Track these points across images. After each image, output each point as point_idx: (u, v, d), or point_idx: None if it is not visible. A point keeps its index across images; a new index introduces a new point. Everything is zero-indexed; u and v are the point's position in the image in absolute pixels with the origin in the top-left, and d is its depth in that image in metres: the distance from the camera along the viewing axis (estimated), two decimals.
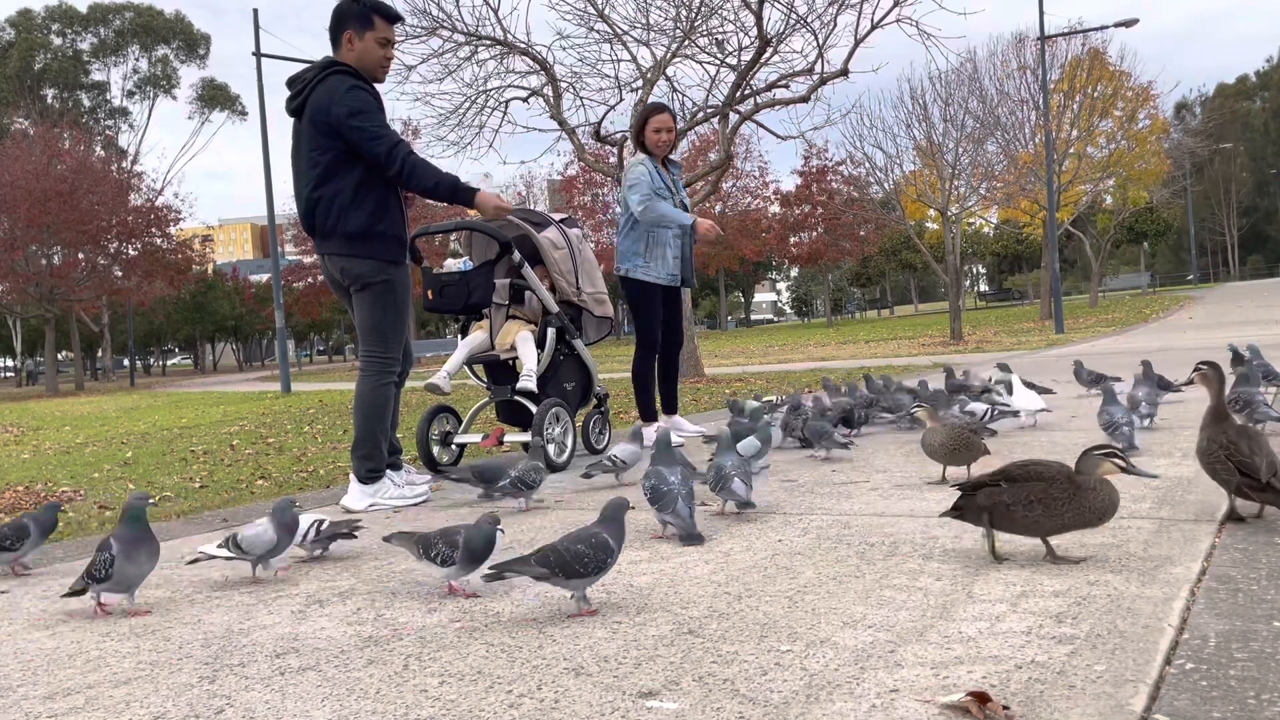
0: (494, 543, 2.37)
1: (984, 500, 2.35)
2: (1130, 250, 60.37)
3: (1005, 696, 1.53)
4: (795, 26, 10.79)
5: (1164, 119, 34.52)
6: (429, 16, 11.30)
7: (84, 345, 50.35)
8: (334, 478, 5.26)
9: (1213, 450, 2.59)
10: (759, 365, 16.11)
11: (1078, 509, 2.24)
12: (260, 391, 21.00)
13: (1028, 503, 2.26)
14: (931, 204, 22.26)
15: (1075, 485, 2.25)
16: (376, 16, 3.91)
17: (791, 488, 3.65)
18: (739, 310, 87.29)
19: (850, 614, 2.03)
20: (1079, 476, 2.27)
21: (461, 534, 2.36)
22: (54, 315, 32.96)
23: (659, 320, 5.41)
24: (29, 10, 52.53)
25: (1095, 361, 8.69)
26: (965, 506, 2.41)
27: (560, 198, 45.36)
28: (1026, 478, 2.30)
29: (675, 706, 1.61)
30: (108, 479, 6.13)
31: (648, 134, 5.39)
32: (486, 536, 2.36)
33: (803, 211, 44.47)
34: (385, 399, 3.96)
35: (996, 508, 2.32)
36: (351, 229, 3.83)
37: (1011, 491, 2.30)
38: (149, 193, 37.80)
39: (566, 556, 2.11)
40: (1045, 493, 2.25)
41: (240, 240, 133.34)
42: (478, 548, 2.35)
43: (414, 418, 6.87)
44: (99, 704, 1.83)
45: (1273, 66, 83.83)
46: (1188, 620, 1.85)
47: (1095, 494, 2.23)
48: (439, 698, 1.73)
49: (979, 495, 2.37)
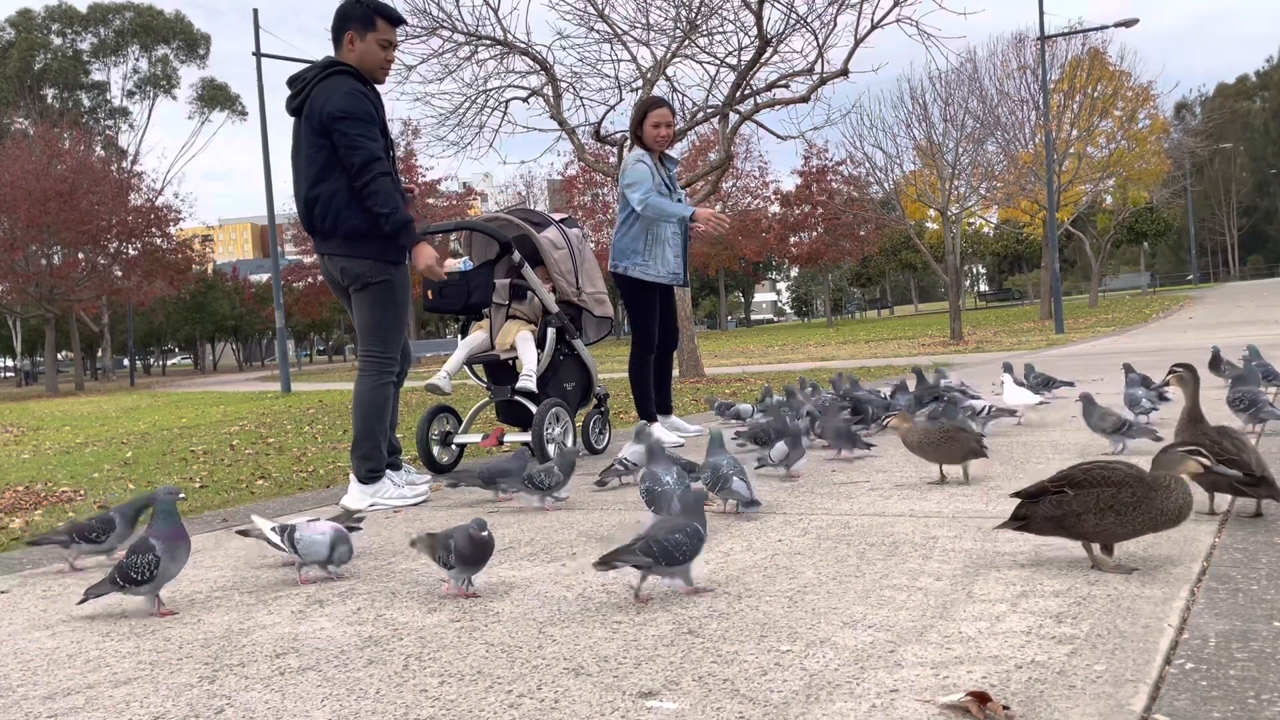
0: (483, 545, 2.35)
1: (1051, 510, 2.23)
2: (1130, 250, 60.37)
3: (1005, 696, 1.53)
4: (795, 26, 10.80)
5: (1164, 119, 34.53)
6: (429, 16, 11.30)
7: (84, 345, 50.37)
8: (334, 478, 5.26)
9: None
10: (759, 365, 16.11)
11: (1150, 512, 2.13)
12: (260, 391, 21.01)
13: (1099, 510, 2.16)
14: (931, 204, 22.27)
15: (1146, 486, 2.14)
16: (379, 18, 3.91)
17: (791, 488, 3.65)
18: (739, 310, 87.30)
19: (850, 614, 2.03)
20: (1152, 475, 2.17)
21: (454, 537, 2.37)
22: (54, 315, 32.97)
23: (655, 320, 5.38)
24: (29, 10, 52.57)
25: (1095, 361, 8.69)
26: (1029, 516, 2.28)
27: (560, 198, 45.36)
28: (1093, 483, 2.19)
29: (675, 706, 1.61)
30: (108, 479, 6.13)
31: (646, 129, 5.31)
32: (476, 539, 2.35)
33: (803, 211, 44.47)
34: (384, 399, 3.96)
35: (1067, 517, 2.20)
36: (351, 229, 3.83)
37: (1080, 499, 2.19)
38: (149, 193, 37.80)
39: (667, 545, 2.21)
40: (1115, 498, 2.15)
41: (240, 240, 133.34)
42: (465, 551, 2.35)
43: (414, 418, 6.87)
44: (99, 704, 1.83)
45: (1273, 66, 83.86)
46: (1188, 620, 1.85)
47: (1169, 495, 2.13)
48: (439, 698, 1.73)
49: (1043, 504, 2.25)
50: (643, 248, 5.28)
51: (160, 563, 2.37)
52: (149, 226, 35.42)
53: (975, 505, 3.06)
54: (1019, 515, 2.32)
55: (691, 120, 11.86)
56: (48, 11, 52.60)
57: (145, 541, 2.40)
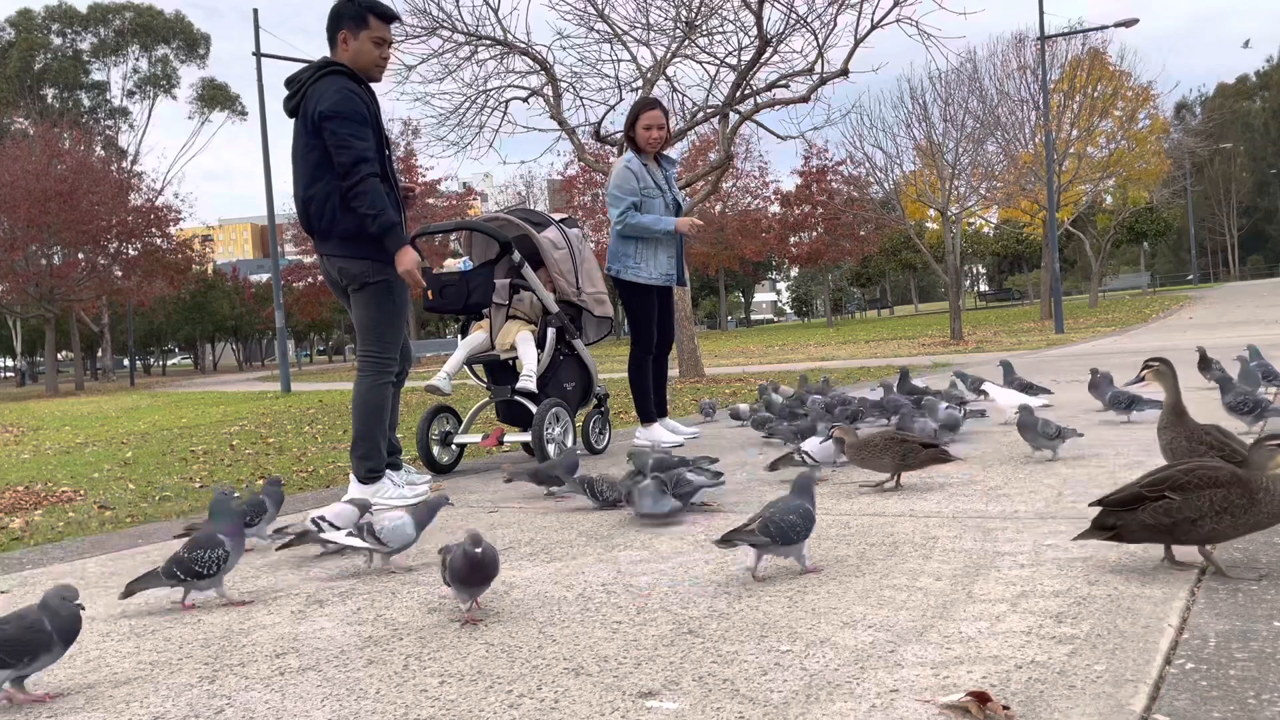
0: (476, 564, 2.14)
1: (1157, 518, 2.11)
2: (1130, 250, 60.33)
3: (1005, 696, 1.53)
4: (795, 26, 10.79)
5: (1164, 119, 34.53)
6: (429, 16, 11.30)
7: (84, 345, 50.35)
8: (334, 478, 5.26)
9: (1180, 447, 2.59)
10: (759, 365, 16.11)
11: (1257, 512, 2.05)
12: (260, 391, 21.01)
13: (1215, 514, 2.06)
14: (931, 204, 22.27)
15: (1249, 485, 2.06)
16: (372, 16, 3.90)
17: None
18: (739, 310, 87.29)
19: (850, 614, 2.03)
20: (1248, 473, 2.08)
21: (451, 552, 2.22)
22: (54, 315, 32.96)
23: (654, 321, 5.36)
24: (29, 10, 52.54)
25: (1095, 361, 8.69)
26: (1121, 525, 2.16)
27: (560, 198, 45.35)
28: (1199, 485, 2.08)
29: (675, 706, 1.61)
30: (108, 479, 6.13)
31: (638, 131, 5.25)
32: (469, 558, 2.14)
33: (803, 211, 44.45)
34: (383, 399, 3.96)
35: (1180, 525, 2.09)
36: (346, 229, 3.83)
37: (1190, 504, 2.08)
38: (149, 193, 37.79)
39: (783, 526, 2.31)
40: (1226, 500, 2.05)
41: (240, 240, 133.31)
42: (459, 569, 2.17)
43: (414, 418, 6.87)
44: (99, 704, 1.83)
45: (1273, 66, 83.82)
46: (1188, 620, 1.85)
47: (1270, 495, 2.05)
48: (439, 698, 1.73)
49: (1144, 512, 2.13)
50: (634, 251, 5.27)
51: (230, 558, 2.43)
52: (149, 226, 35.39)
53: (975, 505, 3.06)
54: (1105, 525, 2.19)
55: (691, 120, 11.86)
56: (48, 11, 52.59)
57: (214, 537, 2.43)
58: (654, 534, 2.98)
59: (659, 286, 5.38)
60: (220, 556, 2.41)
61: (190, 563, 2.41)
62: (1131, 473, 3.40)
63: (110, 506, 4.79)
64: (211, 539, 2.43)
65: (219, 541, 2.42)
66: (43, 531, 4.16)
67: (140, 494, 5.22)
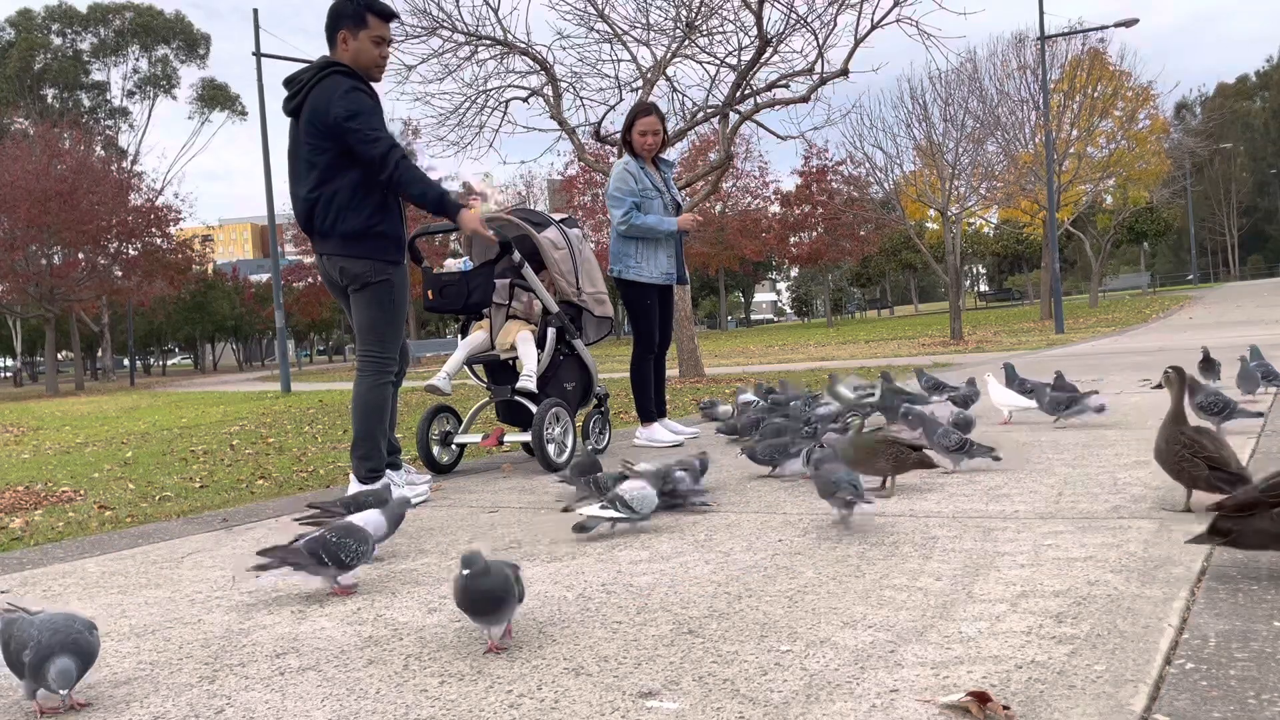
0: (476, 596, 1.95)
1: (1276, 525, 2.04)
2: (1130, 250, 60.37)
3: (1005, 696, 1.53)
4: (795, 26, 10.80)
5: (1164, 119, 34.53)
6: (429, 16, 11.30)
7: (84, 345, 50.36)
8: (334, 477, 5.26)
9: (1174, 450, 2.67)
10: (759, 365, 16.11)
11: None
12: (260, 391, 21.01)
13: None
14: (931, 204, 22.28)
15: None
16: (371, 15, 3.90)
17: (791, 488, 3.65)
18: (739, 310, 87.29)
19: (850, 614, 2.03)
20: None
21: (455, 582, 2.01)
22: (54, 315, 32.96)
23: (656, 320, 5.41)
24: (29, 10, 52.55)
25: (1094, 361, 8.68)
26: (1237, 531, 2.09)
27: (560, 198, 45.33)
28: None
29: (675, 706, 1.61)
30: (108, 479, 6.13)
31: (634, 136, 5.38)
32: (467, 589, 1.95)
33: (803, 211, 44.44)
34: (383, 399, 3.96)
35: None
36: (350, 229, 3.83)
37: None
38: (149, 193, 37.79)
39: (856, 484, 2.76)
40: None
41: (240, 240, 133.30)
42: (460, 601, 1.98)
43: (414, 418, 6.88)
44: (99, 704, 1.83)
45: (1273, 66, 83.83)
46: (1188, 620, 1.85)
47: None
48: (439, 698, 1.73)
49: (1262, 519, 2.06)
50: (634, 251, 5.36)
51: (370, 554, 2.46)
52: (149, 226, 35.39)
53: (975, 505, 3.06)
54: (1221, 529, 2.12)
55: (691, 120, 11.86)
56: (48, 11, 52.60)
57: (358, 530, 2.44)
58: (654, 534, 2.98)
59: (660, 285, 5.42)
60: (363, 552, 2.44)
61: (337, 549, 2.42)
62: (1133, 473, 3.41)
63: (110, 506, 4.79)
64: (360, 531, 2.44)
65: (366, 536, 2.44)
66: (43, 531, 4.16)
67: (140, 494, 5.22)
